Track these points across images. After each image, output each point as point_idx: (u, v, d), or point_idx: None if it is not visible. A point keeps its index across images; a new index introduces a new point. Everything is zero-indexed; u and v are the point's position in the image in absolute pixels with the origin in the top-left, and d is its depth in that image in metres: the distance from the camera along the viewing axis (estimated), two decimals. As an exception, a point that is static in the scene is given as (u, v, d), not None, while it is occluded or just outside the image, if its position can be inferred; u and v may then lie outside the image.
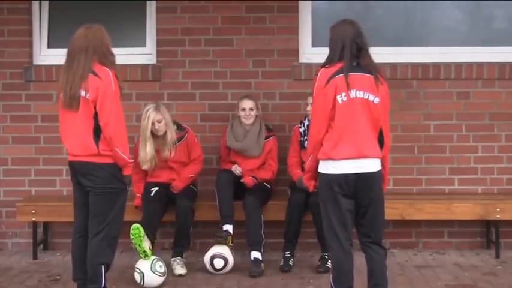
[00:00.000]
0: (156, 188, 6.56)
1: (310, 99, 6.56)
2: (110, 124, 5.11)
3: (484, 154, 7.20)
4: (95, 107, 5.11)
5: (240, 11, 7.17)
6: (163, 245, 6.97)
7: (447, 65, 7.15)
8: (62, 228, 7.20)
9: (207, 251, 6.40)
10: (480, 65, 7.16)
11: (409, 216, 6.72)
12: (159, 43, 7.21)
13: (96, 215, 5.22)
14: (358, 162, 4.72)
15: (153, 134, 6.50)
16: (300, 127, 6.76)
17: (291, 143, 6.84)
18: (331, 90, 4.70)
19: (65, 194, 7.20)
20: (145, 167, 6.55)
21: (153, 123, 6.47)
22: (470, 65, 7.16)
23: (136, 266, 6.13)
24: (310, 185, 5.23)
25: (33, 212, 6.83)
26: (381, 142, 4.82)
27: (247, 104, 6.74)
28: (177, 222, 6.48)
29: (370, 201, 4.78)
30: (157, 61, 7.23)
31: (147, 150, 6.47)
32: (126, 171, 5.26)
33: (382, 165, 4.83)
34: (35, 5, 7.31)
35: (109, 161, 5.18)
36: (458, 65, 7.15)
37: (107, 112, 5.11)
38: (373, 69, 4.80)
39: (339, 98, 4.70)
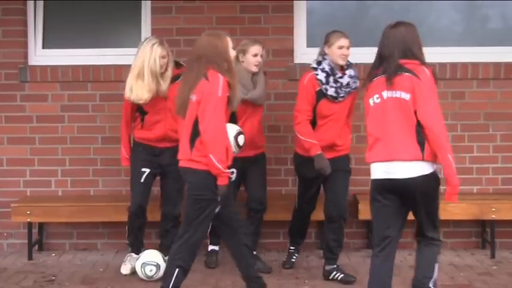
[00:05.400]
0: (148, 171, 6.31)
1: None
2: (208, 130, 5.08)
3: (479, 154, 7.20)
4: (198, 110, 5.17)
5: (234, 11, 7.17)
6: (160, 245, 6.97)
7: (442, 65, 7.15)
8: (57, 229, 7.21)
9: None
10: (475, 65, 7.17)
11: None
12: (154, 43, 7.20)
13: (184, 218, 5.32)
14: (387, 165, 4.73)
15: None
16: (317, 73, 6.04)
17: (302, 96, 6.06)
18: None
19: (60, 194, 7.20)
20: (143, 99, 6.09)
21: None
22: (465, 65, 7.17)
23: (146, 261, 6.14)
24: None
25: (28, 212, 6.82)
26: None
27: (259, 49, 6.33)
28: (162, 226, 6.46)
29: (417, 206, 4.78)
30: (153, 61, 7.22)
31: (151, 85, 6.06)
32: (220, 181, 5.16)
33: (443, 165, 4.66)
34: (30, 6, 7.30)
35: (201, 167, 5.16)
36: (453, 65, 7.16)
37: (208, 117, 5.09)
38: None
39: None
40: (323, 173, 5.98)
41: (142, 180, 6.30)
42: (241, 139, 5.53)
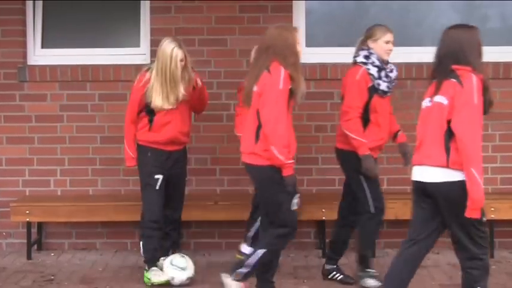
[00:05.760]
0: (161, 177, 6.00)
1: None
2: (270, 122, 5.10)
3: (478, 154, 7.20)
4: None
5: (234, 10, 7.18)
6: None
7: (441, 65, 7.14)
8: (56, 229, 7.21)
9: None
10: (474, 64, 7.16)
11: (403, 216, 6.69)
12: (153, 43, 7.19)
13: (267, 211, 5.36)
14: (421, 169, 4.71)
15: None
16: (368, 68, 5.78)
17: (354, 92, 5.74)
18: None
19: (59, 194, 7.20)
20: (168, 105, 5.93)
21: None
22: (464, 64, 7.16)
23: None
24: None
25: (27, 212, 6.82)
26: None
27: None
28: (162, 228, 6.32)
29: (445, 214, 4.64)
30: (152, 61, 7.18)
31: (174, 91, 5.91)
32: (285, 172, 5.15)
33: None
34: (29, 5, 7.30)
35: (264, 163, 5.15)
36: (452, 65, 7.15)
37: (268, 109, 5.11)
38: None
39: None
40: (369, 174, 5.77)
41: (158, 188, 6.01)
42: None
